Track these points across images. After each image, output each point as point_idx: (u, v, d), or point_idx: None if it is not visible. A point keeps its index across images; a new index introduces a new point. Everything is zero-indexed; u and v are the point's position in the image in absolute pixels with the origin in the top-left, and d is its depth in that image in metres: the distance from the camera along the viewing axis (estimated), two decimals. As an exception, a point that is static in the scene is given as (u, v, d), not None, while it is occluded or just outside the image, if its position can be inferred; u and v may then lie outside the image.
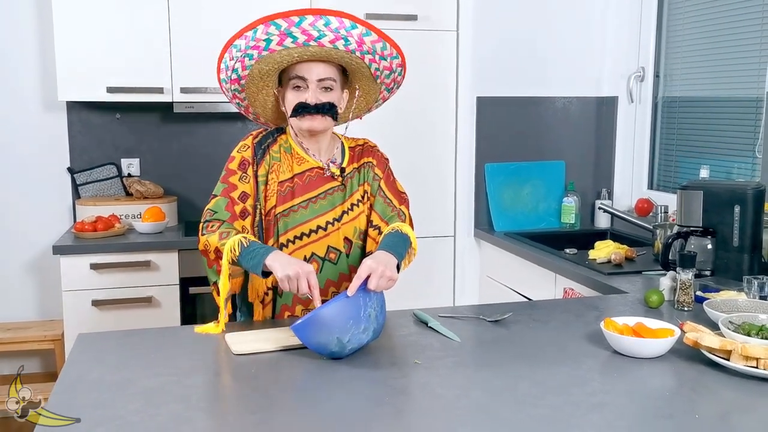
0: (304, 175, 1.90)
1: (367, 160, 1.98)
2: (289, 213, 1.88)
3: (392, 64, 1.88)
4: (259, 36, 1.74)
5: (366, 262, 1.61)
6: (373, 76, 1.89)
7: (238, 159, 1.89)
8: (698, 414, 1.33)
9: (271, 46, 1.75)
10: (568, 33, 3.47)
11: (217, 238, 1.76)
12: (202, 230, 1.82)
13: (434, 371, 1.52)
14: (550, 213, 3.51)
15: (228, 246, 1.71)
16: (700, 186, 2.38)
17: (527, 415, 1.30)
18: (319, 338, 1.53)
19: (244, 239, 1.72)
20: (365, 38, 1.78)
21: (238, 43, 1.77)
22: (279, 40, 1.74)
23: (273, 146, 1.91)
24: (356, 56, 1.81)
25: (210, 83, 3.18)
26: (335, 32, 1.74)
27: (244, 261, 1.71)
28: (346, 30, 1.75)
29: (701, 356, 1.55)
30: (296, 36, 1.73)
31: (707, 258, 2.30)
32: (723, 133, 3.01)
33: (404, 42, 3.17)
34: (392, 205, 1.95)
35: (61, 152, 3.46)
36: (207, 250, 1.79)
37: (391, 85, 1.96)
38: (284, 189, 1.88)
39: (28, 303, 3.51)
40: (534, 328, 1.82)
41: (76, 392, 1.40)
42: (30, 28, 3.37)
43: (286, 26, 1.73)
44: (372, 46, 1.81)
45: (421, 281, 3.35)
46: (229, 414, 1.33)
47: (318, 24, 1.73)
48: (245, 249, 1.71)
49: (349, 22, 1.75)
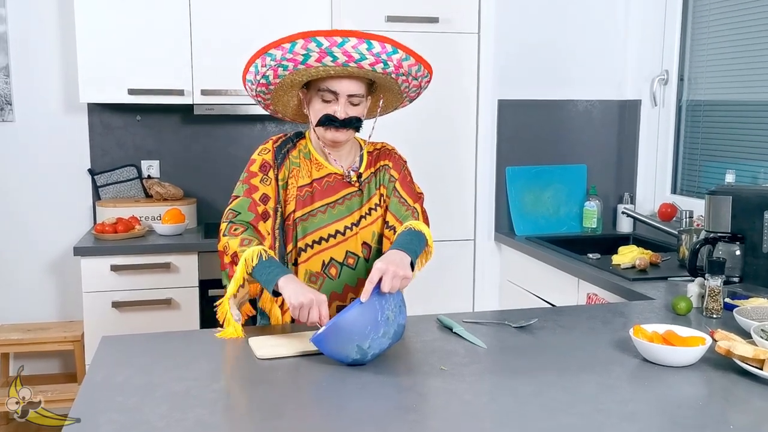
0: (323, 180, 1.90)
1: (384, 163, 1.97)
2: (307, 218, 1.87)
3: (422, 82, 1.89)
4: (297, 50, 1.72)
5: (376, 264, 1.58)
6: (401, 92, 1.89)
7: (259, 161, 1.88)
8: (732, 424, 1.30)
9: (308, 62, 1.73)
10: (591, 35, 3.43)
11: (238, 243, 1.75)
12: (224, 231, 1.80)
13: (461, 378, 1.50)
14: (571, 217, 3.47)
15: (246, 255, 1.70)
16: (728, 191, 2.34)
17: (557, 423, 1.28)
18: (339, 348, 1.51)
19: (263, 252, 1.71)
20: (404, 63, 1.78)
21: (274, 52, 1.74)
22: (318, 57, 1.72)
23: (293, 151, 1.91)
24: (391, 77, 1.80)
25: (230, 85, 3.19)
26: (376, 56, 1.73)
27: (258, 274, 1.70)
28: (387, 55, 1.74)
29: (733, 365, 1.52)
30: (337, 56, 1.71)
31: (735, 264, 2.26)
32: (749, 137, 2.97)
33: (425, 44, 3.19)
34: (406, 204, 1.93)
35: (81, 154, 3.48)
36: (225, 252, 1.78)
37: (415, 97, 1.96)
38: (303, 194, 1.88)
39: (49, 304, 3.53)
40: (560, 335, 1.79)
41: (101, 395, 1.39)
42: (52, 30, 3.39)
43: (328, 45, 1.70)
44: (408, 69, 1.80)
45: (441, 285, 3.33)
46: (254, 420, 1.31)
47: (360, 47, 1.71)
48: (262, 262, 1.70)
49: (391, 47, 1.74)
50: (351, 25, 3.12)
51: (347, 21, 3.17)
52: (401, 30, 3.19)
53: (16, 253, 3.47)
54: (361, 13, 3.20)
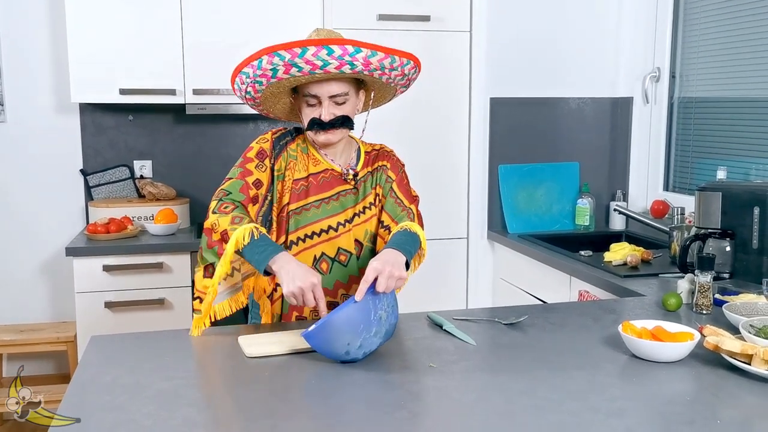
0: (319, 175, 1.91)
1: (382, 163, 1.97)
2: (301, 211, 1.88)
3: (404, 70, 1.86)
4: (264, 66, 1.73)
5: (372, 264, 1.58)
6: (386, 84, 1.89)
7: (256, 149, 1.89)
8: (720, 419, 1.30)
9: (278, 75, 1.75)
10: (583, 33, 3.44)
11: (228, 220, 1.72)
12: (214, 208, 1.78)
13: (450, 375, 1.50)
14: (564, 215, 3.48)
15: (238, 233, 1.68)
16: (718, 187, 2.34)
17: (546, 420, 1.28)
18: (330, 345, 1.51)
19: (255, 230, 1.69)
20: (371, 59, 1.76)
21: (247, 70, 1.77)
22: (285, 70, 1.73)
23: (291, 144, 1.92)
24: (365, 74, 1.80)
25: (222, 85, 3.18)
26: (339, 59, 1.72)
27: (249, 253, 1.68)
28: (350, 55, 1.73)
29: (721, 360, 1.53)
30: (301, 66, 1.72)
31: (726, 260, 2.26)
32: (740, 134, 2.98)
33: (417, 42, 3.20)
34: (402, 204, 1.93)
35: (73, 154, 3.47)
36: (213, 230, 1.74)
37: (407, 83, 1.94)
38: (298, 187, 1.88)
39: (41, 304, 3.52)
40: (550, 332, 1.79)
41: (89, 394, 1.39)
42: (43, 30, 3.38)
43: (290, 57, 1.71)
44: (379, 64, 1.78)
45: (434, 283, 3.33)
46: (242, 418, 1.31)
47: (321, 54, 1.71)
48: (254, 241, 1.68)
49: (353, 48, 1.73)
50: (342, 24, 3.12)
51: (339, 20, 3.17)
52: (393, 28, 3.19)
53: (8, 254, 3.47)
54: (353, 12, 3.20)
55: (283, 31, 3.18)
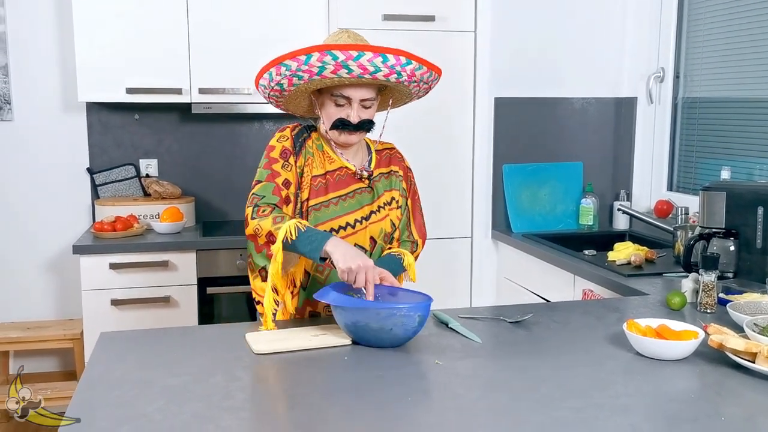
0: (335, 173, 1.94)
1: (396, 170, 2.04)
2: (320, 207, 1.90)
3: (431, 85, 1.94)
4: (312, 62, 1.74)
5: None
6: (411, 93, 1.94)
7: (279, 148, 1.90)
8: (724, 417, 1.31)
9: (324, 73, 1.76)
10: (587, 33, 3.45)
11: (270, 222, 1.75)
12: (251, 214, 1.81)
13: (455, 372, 1.51)
14: (568, 214, 3.49)
15: (284, 230, 1.71)
16: (722, 187, 2.35)
17: (550, 417, 1.29)
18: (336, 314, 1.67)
19: (300, 224, 1.73)
20: (417, 72, 1.82)
21: (289, 63, 1.76)
22: (333, 69, 1.74)
23: (308, 141, 1.95)
24: (404, 85, 1.85)
25: (228, 84, 3.20)
26: (391, 68, 1.77)
27: (302, 245, 1.71)
28: (401, 66, 1.78)
29: (725, 359, 1.54)
30: (352, 69, 1.74)
31: (730, 260, 2.27)
32: (744, 134, 2.98)
33: (421, 43, 3.21)
34: (412, 236, 2.06)
35: (80, 153, 3.49)
36: (257, 235, 1.78)
37: (423, 95, 2.00)
38: (317, 184, 1.91)
39: (48, 302, 3.54)
40: (555, 330, 1.80)
41: (99, 391, 1.40)
42: (50, 30, 3.40)
43: (344, 59, 1.73)
44: (420, 77, 1.85)
45: (438, 282, 3.34)
46: (251, 413, 1.32)
47: (375, 60, 1.74)
48: (302, 233, 1.72)
49: (405, 59, 1.78)
50: (347, 24, 3.13)
51: (344, 20, 3.18)
52: (397, 28, 3.20)
53: (15, 252, 3.49)
54: (358, 12, 3.21)
55: (289, 31, 3.22)
